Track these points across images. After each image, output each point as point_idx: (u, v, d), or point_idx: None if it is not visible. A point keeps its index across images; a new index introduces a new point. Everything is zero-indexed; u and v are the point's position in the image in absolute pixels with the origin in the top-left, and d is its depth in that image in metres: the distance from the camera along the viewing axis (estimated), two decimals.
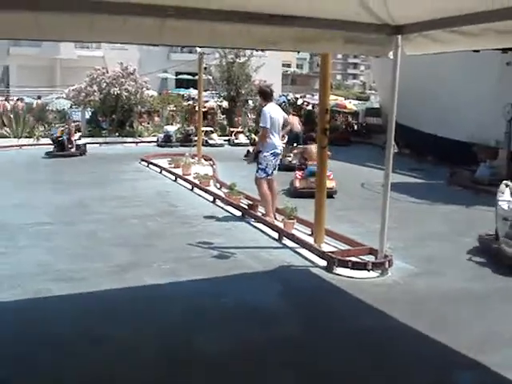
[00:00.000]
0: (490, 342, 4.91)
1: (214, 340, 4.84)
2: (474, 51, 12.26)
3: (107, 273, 6.57)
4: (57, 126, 21.74)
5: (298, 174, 11.95)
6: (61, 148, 18.01)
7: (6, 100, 29.35)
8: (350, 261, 6.66)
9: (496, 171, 13.77)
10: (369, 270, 6.56)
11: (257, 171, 8.91)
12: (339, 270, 6.60)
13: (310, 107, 29.05)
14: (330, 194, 10.27)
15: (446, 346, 4.74)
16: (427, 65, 16.74)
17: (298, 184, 11.60)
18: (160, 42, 5.84)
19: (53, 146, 18.30)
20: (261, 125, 8.89)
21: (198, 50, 17.57)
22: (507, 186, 7.46)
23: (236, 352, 4.66)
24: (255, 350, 4.68)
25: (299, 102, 28.73)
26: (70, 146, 18.22)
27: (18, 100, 28.65)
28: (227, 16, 5.09)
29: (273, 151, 8.80)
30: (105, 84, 24.53)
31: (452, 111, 16.68)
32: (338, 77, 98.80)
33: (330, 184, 9.93)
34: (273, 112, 8.84)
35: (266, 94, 9.25)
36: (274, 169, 8.98)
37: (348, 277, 6.49)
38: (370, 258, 6.88)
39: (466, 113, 15.93)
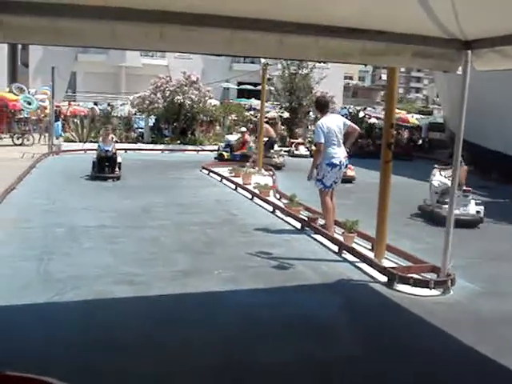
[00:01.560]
0: None
1: (277, 351, 4.83)
2: None
3: (169, 278, 6.68)
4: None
5: None
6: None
7: (68, 104, 30.43)
8: (411, 277, 6.54)
9: None
10: (431, 288, 6.43)
11: (315, 182, 8.91)
12: (400, 287, 6.51)
13: (371, 120, 28.83)
14: (350, 180, 14.71)
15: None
16: (494, 80, 16.36)
17: None
18: (230, 53, 5.95)
19: None
20: (315, 140, 8.92)
21: (262, 60, 17.74)
22: (438, 169, 11.05)
23: (299, 366, 4.61)
24: (317, 365, 4.63)
25: (360, 114, 28.51)
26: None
27: (93, 105, 29.70)
28: (295, 28, 5.13)
29: (329, 161, 8.74)
30: (168, 92, 24.99)
31: None
32: (401, 90, 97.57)
33: (350, 173, 14.27)
34: (328, 123, 8.79)
35: (320, 105, 9.26)
36: (335, 182, 8.91)
37: (409, 294, 6.38)
38: (432, 276, 6.75)
39: None
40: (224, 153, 20.24)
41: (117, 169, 14.73)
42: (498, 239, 9.76)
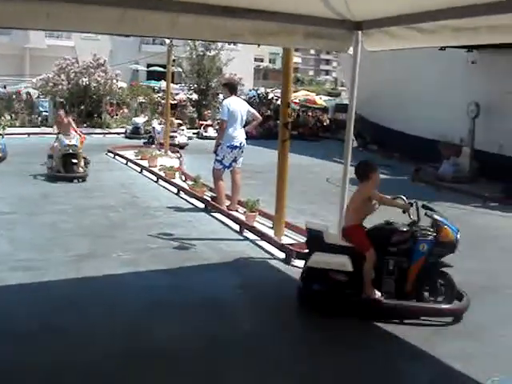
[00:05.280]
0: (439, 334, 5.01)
1: (175, 331, 4.85)
2: (440, 49, 12.45)
3: (67, 262, 6.53)
4: None
5: None
6: None
7: None
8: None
9: (459, 168, 14.04)
10: None
11: (214, 162, 9.04)
12: (297, 262, 6.65)
13: (279, 102, 29.11)
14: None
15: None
16: (396, 63, 16.93)
17: None
18: (120, 32, 5.83)
19: None
20: (219, 117, 9.02)
21: (167, 41, 17.51)
22: None
23: (197, 344, 4.63)
24: (217, 343, 4.68)
25: (269, 96, 28.74)
26: None
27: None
28: (186, 7, 5.09)
29: (230, 143, 8.94)
30: (73, 74, 24.26)
31: (419, 109, 16.86)
32: (311, 72, 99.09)
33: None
34: (233, 105, 8.99)
35: (230, 86, 9.34)
36: (234, 161, 9.10)
37: None
38: None
39: (432, 111, 16.13)
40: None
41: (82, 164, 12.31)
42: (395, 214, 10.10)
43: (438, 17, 5.04)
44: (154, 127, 18.48)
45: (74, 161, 12.00)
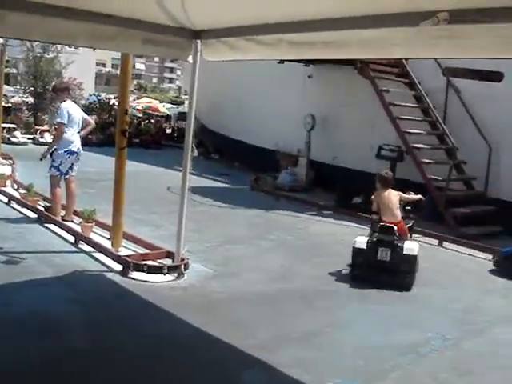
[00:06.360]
0: (276, 341, 5.10)
1: (6, 352, 4.45)
2: (279, 62, 12.86)
3: None
4: None
5: None
6: None
7: None
8: (145, 264, 6.56)
9: (296, 178, 14.57)
10: (165, 274, 6.52)
11: (50, 168, 8.70)
12: (135, 275, 6.47)
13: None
14: None
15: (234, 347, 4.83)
16: (238, 74, 17.24)
17: None
18: None
19: None
20: (57, 120, 8.63)
21: (0, 40, 16.43)
22: None
23: (30, 364, 4.31)
24: (43, 362, 4.37)
25: (111, 102, 28.02)
26: None
27: None
28: (17, 4, 4.75)
29: (68, 149, 8.63)
30: None
31: (260, 120, 17.30)
32: (155, 80, 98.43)
33: None
34: (71, 109, 8.70)
35: (58, 90, 9.00)
36: (71, 168, 8.80)
37: (143, 281, 6.39)
38: (168, 262, 6.84)
39: (273, 122, 16.62)
40: None
41: None
42: (237, 224, 10.27)
43: (276, 30, 5.15)
44: None
45: None
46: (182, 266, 6.62)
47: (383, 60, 12.08)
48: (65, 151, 8.62)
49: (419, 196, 7.64)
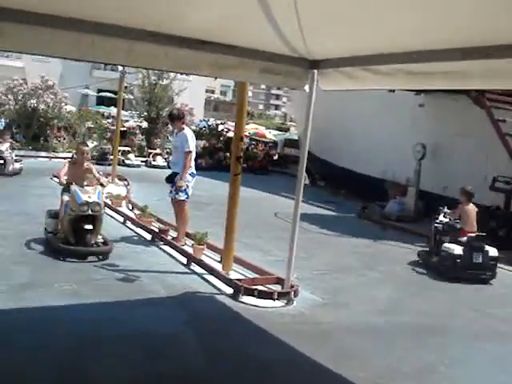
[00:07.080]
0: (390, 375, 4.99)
1: (113, 369, 4.62)
2: (390, 91, 12.75)
3: (4, 292, 6.22)
4: None
5: None
6: None
7: None
8: (256, 289, 6.63)
9: (404, 207, 14.28)
10: (274, 300, 6.55)
11: (177, 193, 8.78)
12: (245, 299, 6.56)
13: (230, 134, 29.19)
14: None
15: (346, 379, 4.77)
16: (346, 102, 17.24)
17: None
18: (75, 57, 5.70)
19: None
20: (186, 150, 8.70)
21: (120, 68, 17.35)
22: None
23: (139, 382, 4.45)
24: (158, 381, 4.50)
25: (220, 128, 28.77)
26: None
27: None
28: (144, 36, 5.03)
29: (191, 172, 8.86)
30: (21, 95, 23.79)
31: (367, 148, 17.17)
32: (261, 106, 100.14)
33: None
34: (192, 136, 8.91)
35: (175, 117, 9.15)
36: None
37: (253, 305, 6.45)
38: (277, 288, 6.88)
39: (381, 150, 16.45)
40: None
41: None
42: (344, 252, 10.19)
43: (393, 60, 5.12)
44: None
45: (89, 227, 8.02)
46: (292, 293, 6.64)
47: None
48: (189, 174, 8.84)
49: None
